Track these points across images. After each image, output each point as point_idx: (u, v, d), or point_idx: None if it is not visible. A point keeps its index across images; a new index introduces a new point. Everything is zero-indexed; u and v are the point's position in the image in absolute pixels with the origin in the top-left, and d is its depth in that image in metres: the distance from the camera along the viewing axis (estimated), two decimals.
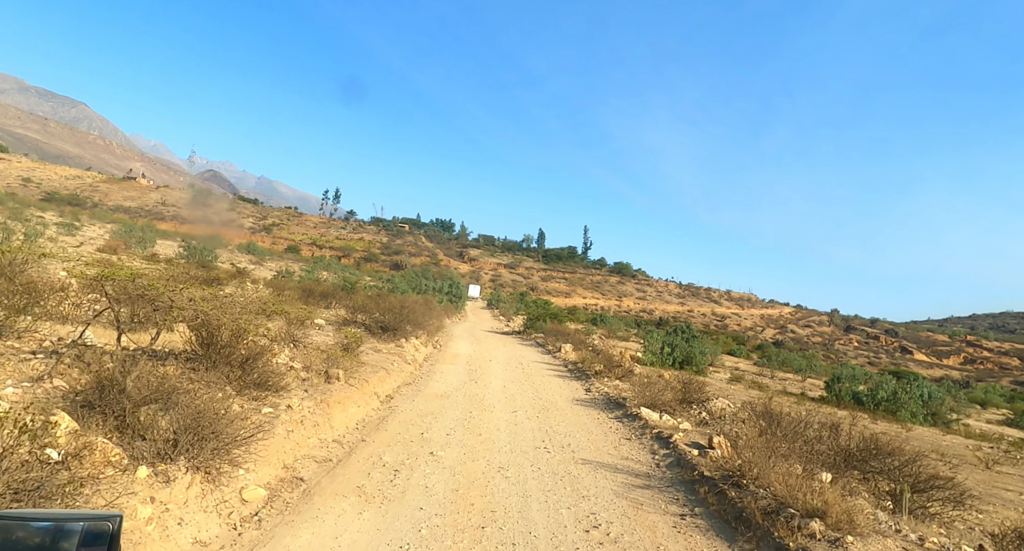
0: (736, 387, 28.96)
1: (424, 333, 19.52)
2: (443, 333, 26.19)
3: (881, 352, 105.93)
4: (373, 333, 15.77)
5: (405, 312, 16.37)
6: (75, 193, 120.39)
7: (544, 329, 29.50)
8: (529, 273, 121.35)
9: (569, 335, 25.60)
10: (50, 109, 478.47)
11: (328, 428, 7.18)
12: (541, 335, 28.73)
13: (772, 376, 42.56)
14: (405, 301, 18.89)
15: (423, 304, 21.94)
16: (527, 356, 20.66)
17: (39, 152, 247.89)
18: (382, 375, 11.04)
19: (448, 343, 21.85)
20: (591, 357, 17.78)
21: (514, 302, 63.78)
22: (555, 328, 28.01)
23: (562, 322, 35.65)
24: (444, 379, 13.23)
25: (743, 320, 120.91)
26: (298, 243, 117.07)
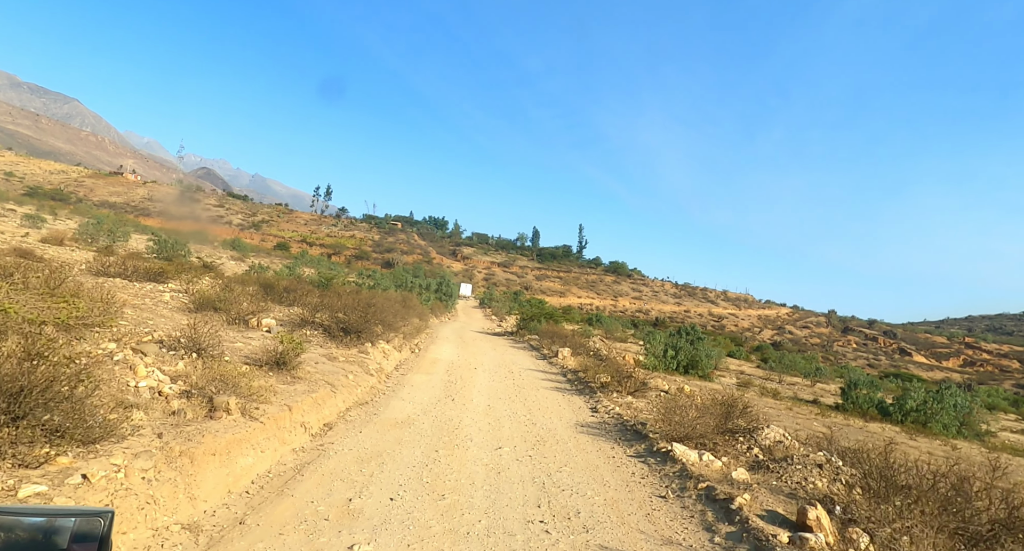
0: (747, 393, 26.19)
1: (399, 335, 16.61)
2: (426, 334, 23.33)
3: (880, 354, 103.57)
4: (333, 336, 12.87)
5: (372, 311, 13.42)
6: (59, 188, 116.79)
7: (539, 331, 26.64)
8: (523, 272, 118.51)
9: (567, 337, 22.74)
10: (43, 105, 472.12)
11: (180, 501, 4.27)
12: (536, 337, 25.88)
13: (780, 381, 39.86)
14: (373, 298, 15.93)
15: (399, 302, 19.03)
16: (519, 362, 17.79)
17: (30, 148, 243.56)
18: (322, 395, 8.13)
19: (430, 346, 18.97)
20: (594, 364, 14.89)
21: (507, 301, 60.87)
22: (551, 329, 25.15)
23: (558, 323, 32.78)
24: (413, 396, 10.33)
25: (740, 321, 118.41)
26: (287, 240, 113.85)
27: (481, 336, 28.36)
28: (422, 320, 25.30)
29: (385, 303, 16.07)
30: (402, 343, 16.08)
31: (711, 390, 25.55)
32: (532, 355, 20.53)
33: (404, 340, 16.89)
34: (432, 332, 25.88)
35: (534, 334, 27.05)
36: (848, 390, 27.80)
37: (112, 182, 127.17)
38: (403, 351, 15.50)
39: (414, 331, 20.13)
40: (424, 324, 25.06)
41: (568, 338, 22.76)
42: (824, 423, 20.03)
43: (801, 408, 24.56)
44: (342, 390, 8.97)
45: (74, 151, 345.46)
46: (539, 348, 22.58)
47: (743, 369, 44.85)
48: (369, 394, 9.92)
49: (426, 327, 25.44)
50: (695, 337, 34.26)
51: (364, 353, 12.40)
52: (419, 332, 21.30)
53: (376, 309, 14.11)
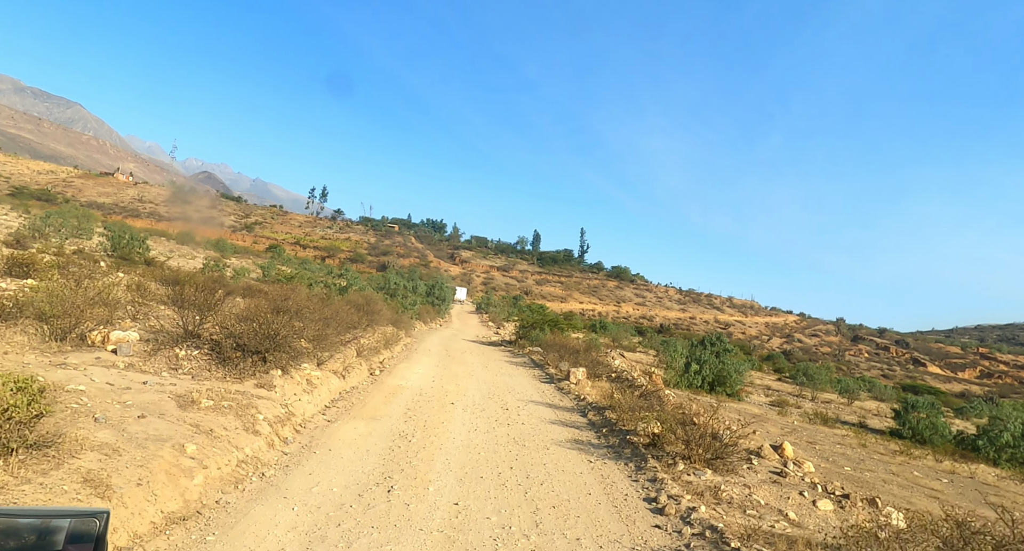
0: (793, 419, 21.40)
1: (349, 352, 11.69)
2: (403, 347, 18.47)
3: (894, 364, 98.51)
4: (224, 359, 8.03)
5: (282, 322, 8.46)
6: (46, 188, 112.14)
7: (542, 342, 21.75)
8: (523, 276, 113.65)
9: (577, 352, 17.81)
10: (45, 110, 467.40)
11: None
12: (538, 350, 20.99)
13: (814, 397, 34.91)
14: (298, 298, 10.99)
15: (358, 308, 14.16)
16: (518, 388, 12.87)
17: (31, 152, 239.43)
18: None
19: (399, 365, 14.09)
20: (630, 400, 9.92)
21: (506, 306, 55.94)
22: (557, 341, 20.25)
23: (563, 331, 27.87)
24: (311, 485, 5.40)
25: (747, 328, 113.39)
26: (280, 242, 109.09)
27: (473, 347, 23.51)
28: (400, 328, 20.48)
29: (315, 306, 11.14)
30: (351, 364, 11.15)
31: (752, 415, 20.58)
32: (535, 375, 15.64)
33: (360, 358, 12.03)
34: (413, 343, 21.03)
35: (536, 346, 22.16)
36: (904, 413, 22.96)
37: (102, 183, 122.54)
38: (352, 375, 10.60)
39: (382, 343, 15.27)
40: (402, 333, 20.24)
41: (580, 353, 17.83)
42: (916, 469, 15.12)
43: (864, 439, 19.64)
44: (132, 492, 4.11)
45: (75, 155, 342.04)
46: (543, 365, 17.68)
47: (767, 383, 39.88)
48: (214, 488, 4.97)
49: (404, 337, 20.62)
50: (721, 349, 29.35)
51: (265, 387, 7.53)
52: (392, 344, 16.45)
53: (303, 318, 9.18)
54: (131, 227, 49.25)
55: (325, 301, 12.73)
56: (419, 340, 23.30)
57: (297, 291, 12.46)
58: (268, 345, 8.17)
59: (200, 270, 25.73)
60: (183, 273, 16.58)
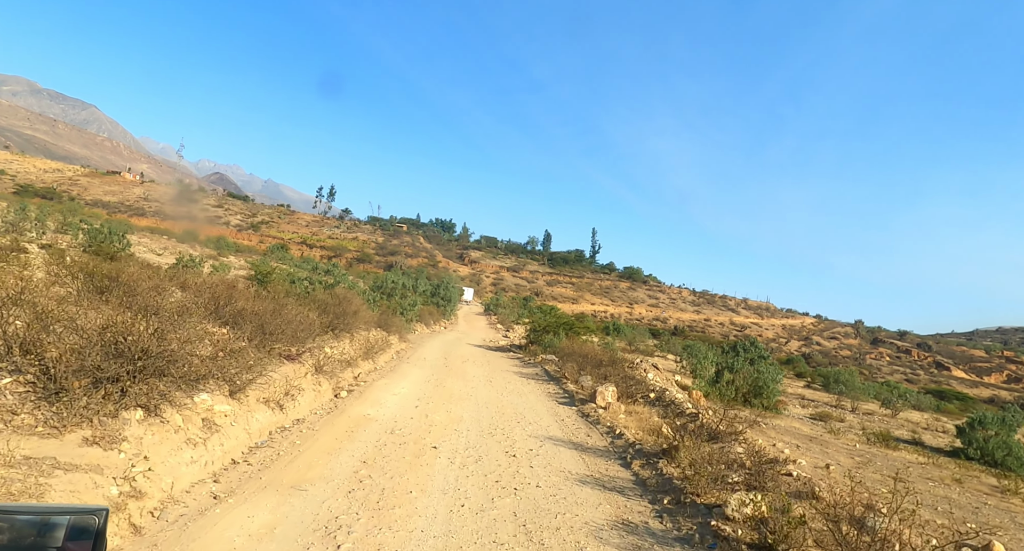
0: (854, 442, 18.06)
1: (292, 370, 8.50)
2: (393, 355, 15.30)
3: (917, 368, 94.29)
4: (57, 393, 4.92)
5: (157, 331, 5.28)
6: (51, 187, 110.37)
7: (558, 349, 18.52)
8: (534, 277, 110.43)
9: (600, 362, 14.55)
10: (61, 111, 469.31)
11: None
12: (553, 358, 17.76)
13: (855, 409, 31.41)
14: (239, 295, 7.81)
15: (315, 308, 10.98)
16: (531, 415, 9.65)
17: (46, 153, 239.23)
18: None
19: (380, 380, 10.93)
20: (695, 446, 6.62)
21: (516, 308, 52.75)
22: (574, 348, 16.99)
23: (579, 335, 24.59)
24: None
25: (764, 330, 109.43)
26: (286, 242, 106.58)
27: (478, 354, 20.32)
28: (391, 332, 17.32)
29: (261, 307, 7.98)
30: (301, 385, 7.97)
31: (805, 436, 17.19)
32: (550, 393, 12.40)
33: (319, 375, 8.88)
34: (407, 349, 17.86)
35: (550, 353, 18.90)
36: (971, 430, 19.61)
37: (108, 181, 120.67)
38: (299, 403, 7.44)
39: (361, 353, 12.13)
40: (393, 338, 17.07)
41: (604, 364, 14.55)
42: None
43: (952, 469, 16.18)
44: None
45: (89, 156, 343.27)
46: (560, 379, 14.43)
47: (798, 392, 36.34)
48: None
49: (396, 343, 17.45)
50: (757, 355, 25.98)
51: (103, 442, 4.39)
52: (376, 352, 13.30)
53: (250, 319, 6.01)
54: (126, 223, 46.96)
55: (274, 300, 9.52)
56: (416, 346, 20.14)
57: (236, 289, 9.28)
58: (132, 367, 5.02)
59: (174, 264, 22.82)
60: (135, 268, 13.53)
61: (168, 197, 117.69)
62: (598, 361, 14.65)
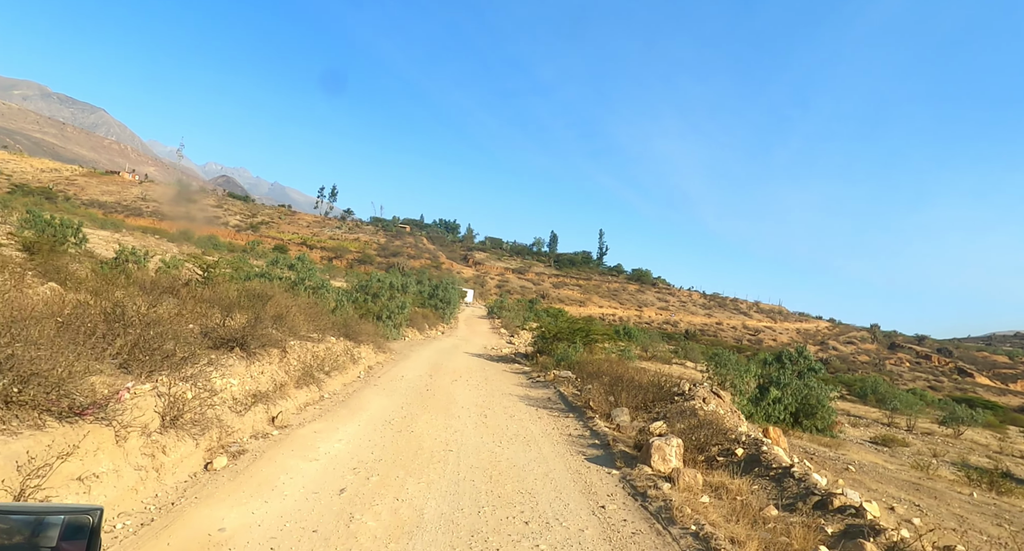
0: (944, 480, 14.13)
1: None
2: (362, 371, 11.57)
3: (939, 374, 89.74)
4: None
5: None
6: (48, 186, 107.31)
7: (576, 364, 14.62)
8: (540, 279, 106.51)
9: (639, 384, 10.63)
10: (70, 115, 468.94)
11: None
12: (569, 374, 13.84)
13: (911, 428, 27.37)
14: None
15: (209, 307, 7.18)
16: (549, 488, 5.75)
17: (54, 155, 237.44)
18: None
19: (312, 423, 7.08)
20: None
21: (521, 311, 48.88)
22: (598, 364, 13.10)
23: (596, 342, 20.66)
24: None
25: (778, 334, 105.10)
26: (286, 243, 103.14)
27: (475, 366, 16.46)
28: (362, 341, 13.55)
29: None
30: (92, 474, 4.22)
31: (883, 473, 13.18)
32: (572, 436, 8.43)
33: (167, 433, 5.10)
34: (384, 363, 14.07)
35: (566, 368, 14.97)
36: None
37: (106, 181, 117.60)
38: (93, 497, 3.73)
39: (296, 378, 8.36)
40: (365, 350, 13.29)
41: (642, 388, 10.61)
42: None
43: None
44: None
45: (97, 158, 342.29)
46: (581, 409, 10.50)
47: (842, 406, 32.29)
48: None
49: (371, 355, 13.65)
50: (806, 367, 22.02)
51: None
52: (323, 374, 9.55)
53: None
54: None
55: None
56: (399, 357, 16.31)
57: None
58: None
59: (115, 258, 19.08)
60: None
61: (167, 197, 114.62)
62: (633, 383, 10.73)
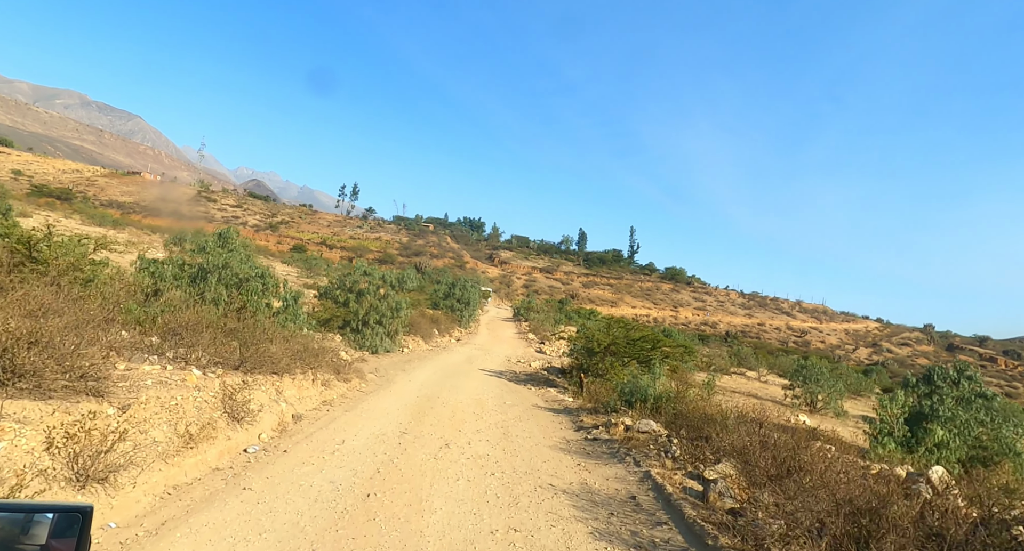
0: None
1: None
2: (275, 427, 5.53)
3: (1011, 379, 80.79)
4: None
5: None
6: (68, 187, 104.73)
7: (662, 406, 8.38)
8: (568, 278, 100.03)
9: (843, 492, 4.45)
10: (108, 122, 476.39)
11: None
12: (654, 427, 7.71)
13: None
14: None
15: None
16: None
17: (92, 161, 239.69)
18: None
19: None
20: None
21: (551, 312, 42.68)
22: (720, 423, 6.83)
23: (669, 358, 14.22)
24: None
25: (826, 336, 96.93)
26: (305, 242, 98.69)
27: (492, 397, 10.36)
28: (307, 365, 7.69)
29: None
30: None
31: None
32: None
33: None
34: (345, 399, 8.04)
35: (645, 412, 8.76)
36: None
37: (127, 182, 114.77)
38: None
39: None
40: (299, 385, 7.42)
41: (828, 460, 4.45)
42: None
43: None
44: None
45: (132, 164, 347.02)
46: (724, 530, 4.58)
47: None
48: None
49: (302, 396, 7.69)
50: (973, 391, 15.35)
51: None
52: (179, 453, 3.73)
53: None
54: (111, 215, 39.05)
55: None
56: (376, 385, 10.35)
57: None
58: None
59: None
60: None
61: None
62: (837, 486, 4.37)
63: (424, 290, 36.05)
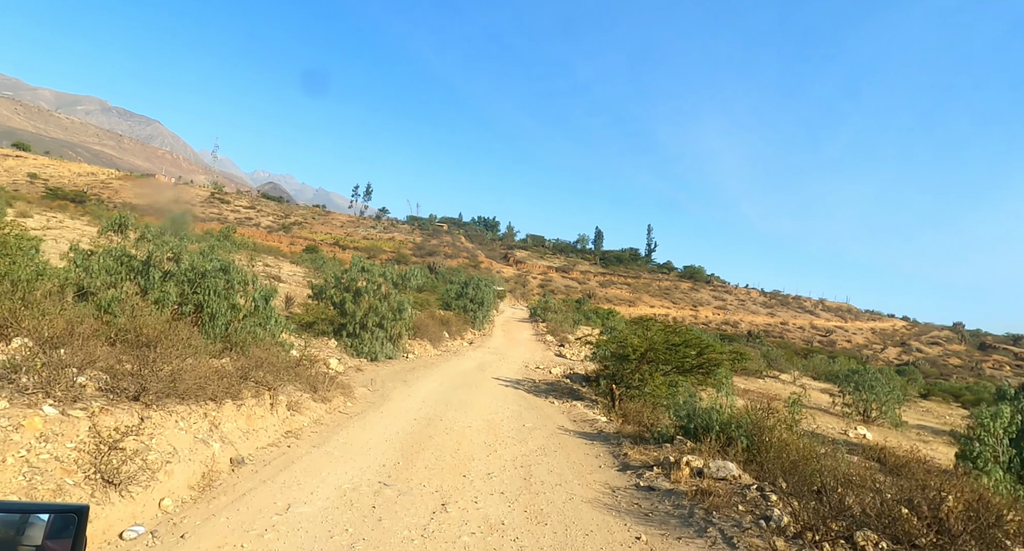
0: None
1: None
2: (201, 473, 3.44)
3: None
4: None
5: None
6: (82, 190, 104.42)
7: (740, 439, 6.20)
8: (585, 278, 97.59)
9: None
10: (128, 127, 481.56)
11: None
12: (733, 470, 5.65)
13: None
14: None
15: None
16: None
17: (111, 166, 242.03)
18: None
19: None
20: None
21: (569, 313, 40.46)
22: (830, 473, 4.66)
23: (717, 365, 11.99)
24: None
25: (852, 335, 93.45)
26: (318, 243, 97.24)
27: (510, 415, 8.17)
28: (278, 387, 5.65)
29: None
30: None
31: None
32: None
33: None
34: (321, 427, 5.86)
35: (714, 449, 6.68)
36: None
37: (141, 184, 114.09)
38: None
39: None
40: (244, 418, 5.36)
41: None
42: None
43: None
44: None
45: (151, 168, 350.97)
46: None
47: None
48: None
49: (259, 429, 5.61)
50: None
51: None
52: None
53: None
54: None
55: None
56: (369, 403, 8.29)
57: None
58: None
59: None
60: None
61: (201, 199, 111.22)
62: None
63: (436, 290, 34.05)
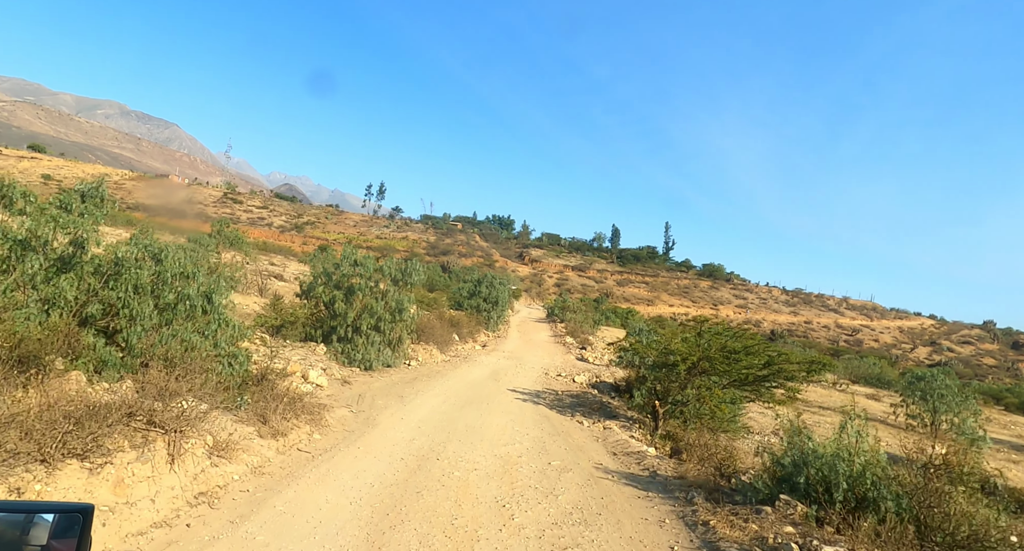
0: None
1: None
2: None
3: None
4: None
5: None
6: None
7: (885, 511, 3.98)
8: (602, 276, 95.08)
9: None
10: (146, 131, 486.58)
11: None
12: None
13: None
14: None
15: None
16: None
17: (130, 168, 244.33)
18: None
19: None
20: None
21: (588, 312, 38.19)
22: None
23: (791, 379, 9.76)
24: None
25: (879, 334, 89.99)
26: (331, 243, 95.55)
27: (529, 449, 5.90)
28: (191, 425, 3.56)
29: None
30: None
31: None
32: None
33: None
34: (300, 453, 3.81)
35: (809, 502, 4.55)
36: None
37: (154, 185, 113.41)
38: None
39: None
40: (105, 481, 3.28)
41: None
42: None
43: None
44: None
45: (168, 170, 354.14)
46: None
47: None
48: None
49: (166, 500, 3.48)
50: None
51: None
52: None
53: None
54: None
55: None
56: (352, 429, 6.07)
57: None
58: None
59: None
60: None
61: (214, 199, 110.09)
62: None
63: (448, 288, 32.01)
